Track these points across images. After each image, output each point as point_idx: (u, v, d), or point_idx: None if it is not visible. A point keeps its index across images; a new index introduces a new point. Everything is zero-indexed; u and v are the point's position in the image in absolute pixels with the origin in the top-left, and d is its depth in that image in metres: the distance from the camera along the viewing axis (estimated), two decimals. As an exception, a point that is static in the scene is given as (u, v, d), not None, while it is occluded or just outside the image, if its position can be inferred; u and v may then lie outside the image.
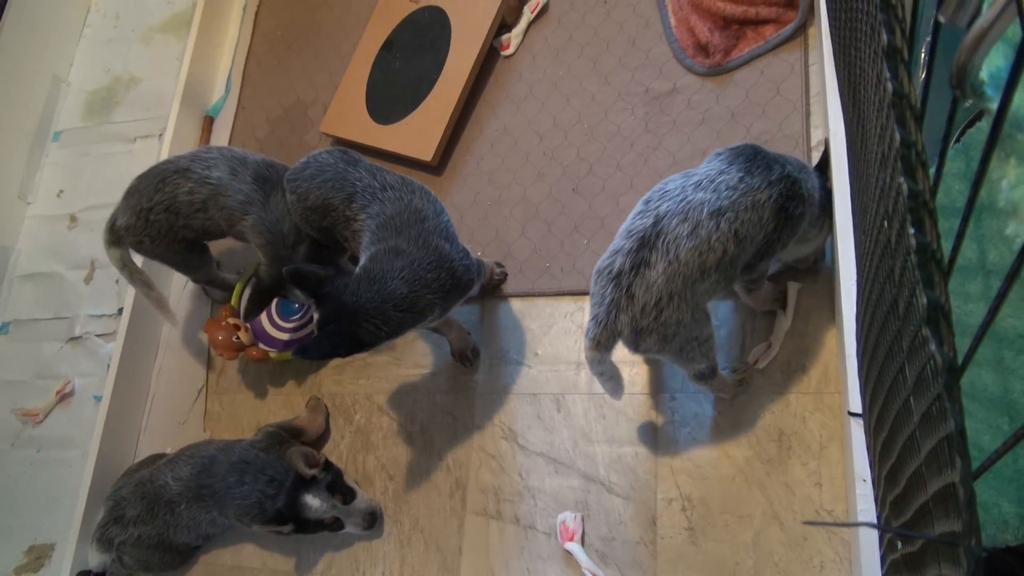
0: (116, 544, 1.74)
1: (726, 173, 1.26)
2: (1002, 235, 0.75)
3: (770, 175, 1.26)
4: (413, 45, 2.14)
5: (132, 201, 1.75)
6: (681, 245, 1.21)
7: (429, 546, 1.69)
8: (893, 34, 0.61)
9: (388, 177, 1.60)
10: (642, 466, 1.58)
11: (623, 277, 1.23)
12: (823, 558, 1.39)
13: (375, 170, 1.61)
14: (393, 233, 1.47)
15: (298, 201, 1.67)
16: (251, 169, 1.74)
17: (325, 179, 1.61)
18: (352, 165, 1.62)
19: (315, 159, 1.67)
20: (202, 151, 1.78)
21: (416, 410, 1.83)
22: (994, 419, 0.77)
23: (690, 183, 1.26)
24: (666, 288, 1.22)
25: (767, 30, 1.80)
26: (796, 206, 1.29)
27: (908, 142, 0.57)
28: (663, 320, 1.24)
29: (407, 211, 1.51)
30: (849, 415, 1.32)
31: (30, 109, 2.57)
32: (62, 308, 2.34)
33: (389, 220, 1.50)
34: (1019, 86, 0.42)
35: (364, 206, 1.55)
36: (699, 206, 1.22)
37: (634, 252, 1.23)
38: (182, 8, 2.62)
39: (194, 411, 2.07)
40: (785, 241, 1.34)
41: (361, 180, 1.58)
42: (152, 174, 1.75)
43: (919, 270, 0.54)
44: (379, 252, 1.45)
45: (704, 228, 1.21)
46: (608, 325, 1.25)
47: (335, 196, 1.59)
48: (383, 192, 1.55)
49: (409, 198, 1.54)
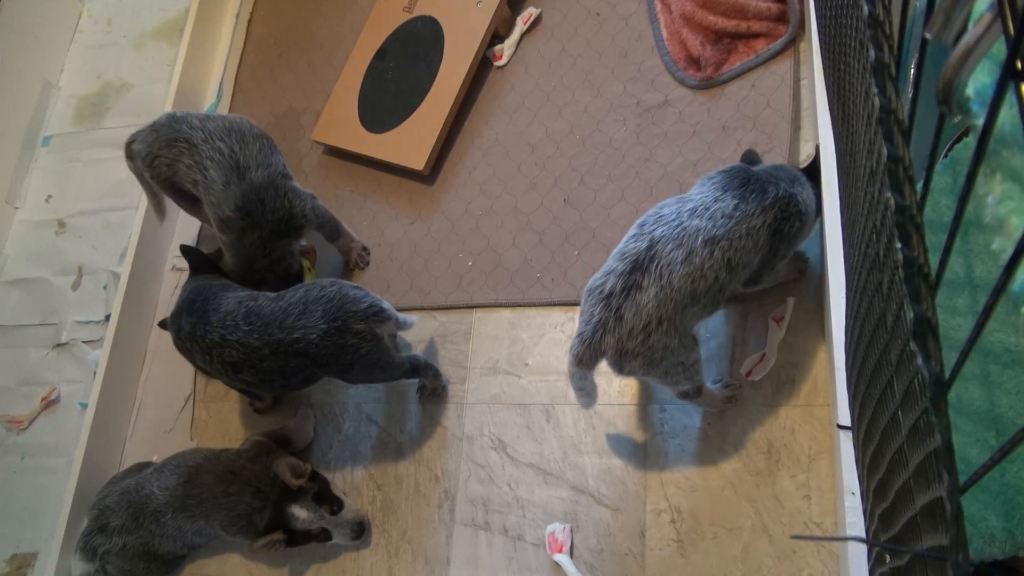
0: (100, 553, 1.72)
1: (721, 200, 1.26)
2: (988, 250, 0.76)
3: (764, 200, 1.27)
4: (406, 54, 2.15)
5: (150, 137, 1.78)
6: (675, 271, 1.22)
7: (417, 557, 1.68)
8: (881, 50, 0.62)
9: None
10: (631, 477, 1.58)
11: (613, 298, 1.24)
12: (812, 571, 1.39)
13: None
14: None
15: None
16: (242, 193, 1.70)
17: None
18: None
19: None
20: (220, 131, 1.74)
21: (405, 420, 1.82)
22: (981, 433, 0.77)
23: (685, 209, 1.26)
24: (656, 312, 1.22)
25: (758, 44, 1.81)
26: (792, 224, 1.31)
27: (895, 157, 0.57)
28: (650, 344, 1.24)
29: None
30: (838, 428, 1.32)
31: (20, 114, 2.55)
32: (48, 314, 2.32)
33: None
34: (1004, 103, 0.42)
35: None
36: (694, 233, 1.23)
37: (626, 274, 1.23)
38: (174, 15, 2.62)
39: (181, 419, 2.06)
40: (784, 255, 1.36)
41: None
42: (172, 126, 1.76)
43: (906, 284, 0.54)
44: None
45: (698, 256, 1.22)
46: (592, 344, 1.25)
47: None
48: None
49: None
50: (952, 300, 0.82)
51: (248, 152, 1.73)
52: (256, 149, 1.74)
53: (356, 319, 1.50)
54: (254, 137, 1.76)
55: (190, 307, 1.63)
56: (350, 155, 2.18)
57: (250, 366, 1.55)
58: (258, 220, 1.72)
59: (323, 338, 1.49)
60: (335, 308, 1.50)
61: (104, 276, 2.30)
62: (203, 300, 1.62)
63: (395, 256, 2.02)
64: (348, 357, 1.52)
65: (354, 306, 1.51)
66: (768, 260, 1.34)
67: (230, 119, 1.79)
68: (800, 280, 1.58)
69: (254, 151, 1.74)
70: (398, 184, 2.10)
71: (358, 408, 1.88)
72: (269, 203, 1.73)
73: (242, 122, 1.79)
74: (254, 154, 1.73)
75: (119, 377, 2.07)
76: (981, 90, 0.66)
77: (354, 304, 1.51)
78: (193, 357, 1.66)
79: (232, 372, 1.59)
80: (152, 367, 2.16)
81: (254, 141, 1.75)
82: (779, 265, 1.40)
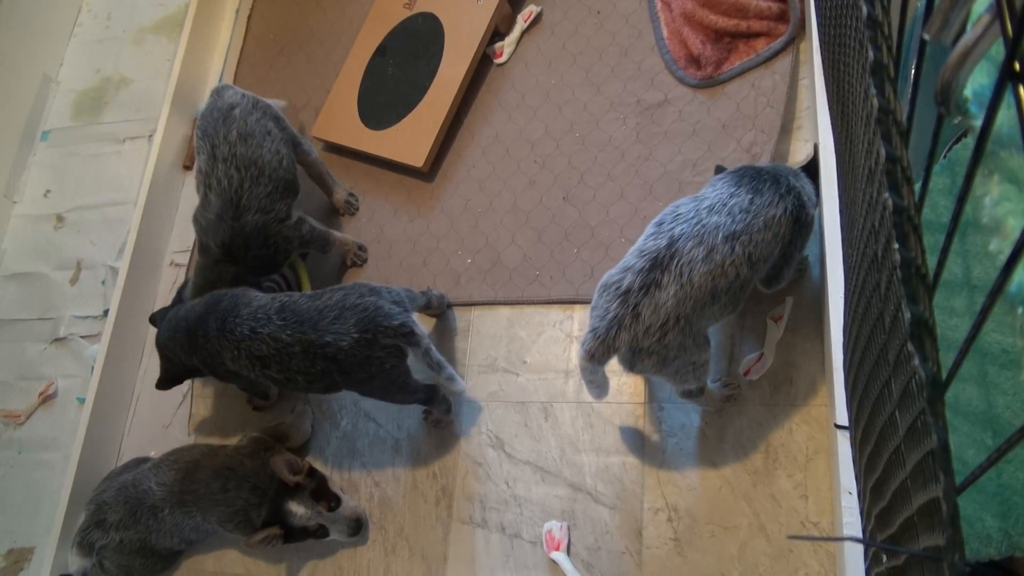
0: (97, 549, 1.72)
1: (737, 196, 1.26)
2: (986, 251, 0.76)
3: (779, 188, 1.28)
4: (406, 51, 2.14)
5: (207, 114, 1.77)
6: (695, 268, 1.21)
7: (414, 554, 1.68)
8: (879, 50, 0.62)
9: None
10: (629, 476, 1.58)
11: (631, 295, 1.22)
12: (808, 570, 1.39)
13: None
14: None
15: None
16: (232, 233, 1.68)
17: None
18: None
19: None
20: (242, 160, 1.68)
21: (403, 416, 1.83)
22: (978, 434, 0.78)
23: (703, 206, 1.26)
24: (675, 311, 1.21)
25: (758, 43, 1.81)
26: (806, 213, 1.32)
27: (893, 157, 0.57)
28: (666, 343, 1.24)
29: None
30: (836, 427, 1.32)
31: (19, 108, 2.55)
32: (47, 309, 2.31)
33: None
34: (1002, 104, 0.42)
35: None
36: (714, 230, 1.22)
37: (646, 271, 1.22)
38: (174, 9, 2.61)
39: (179, 415, 2.06)
40: (800, 246, 1.36)
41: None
42: (217, 120, 1.72)
43: (903, 285, 0.54)
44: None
45: (719, 252, 1.21)
46: (606, 340, 1.25)
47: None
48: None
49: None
50: (950, 301, 0.82)
51: (254, 193, 1.69)
52: (264, 192, 1.70)
53: (386, 334, 1.50)
54: (270, 179, 1.71)
55: (215, 308, 1.60)
56: (349, 152, 2.17)
57: (278, 362, 1.53)
58: (238, 260, 1.71)
59: (353, 347, 1.48)
60: (368, 320, 1.49)
61: (102, 271, 2.30)
62: (230, 299, 1.60)
63: (394, 253, 2.01)
64: (372, 369, 1.51)
65: (386, 321, 1.50)
66: (788, 251, 1.33)
67: (264, 153, 1.72)
68: (800, 280, 1.58)
69: (261, 194, 1.70)
70: (397, 181, 2.10)
71: (356, 405, 1.88)
72: (254, 249, 1.71)
73: (272, 160, 1.72)
74: (259, 197, 1.70)
75: (117, 372, 2.07)
76: (979, 91, 0.66)
77: (386, 319, 1.50)
78: (220, 357, 1.60)
79: (260, 367, 1.55)
80: (150, 362, 2.15)
81: (268, 183, 1.71)
82: (797, 257, 1.40)
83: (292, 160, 1.81)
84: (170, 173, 2.30)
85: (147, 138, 2.42)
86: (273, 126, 1.79)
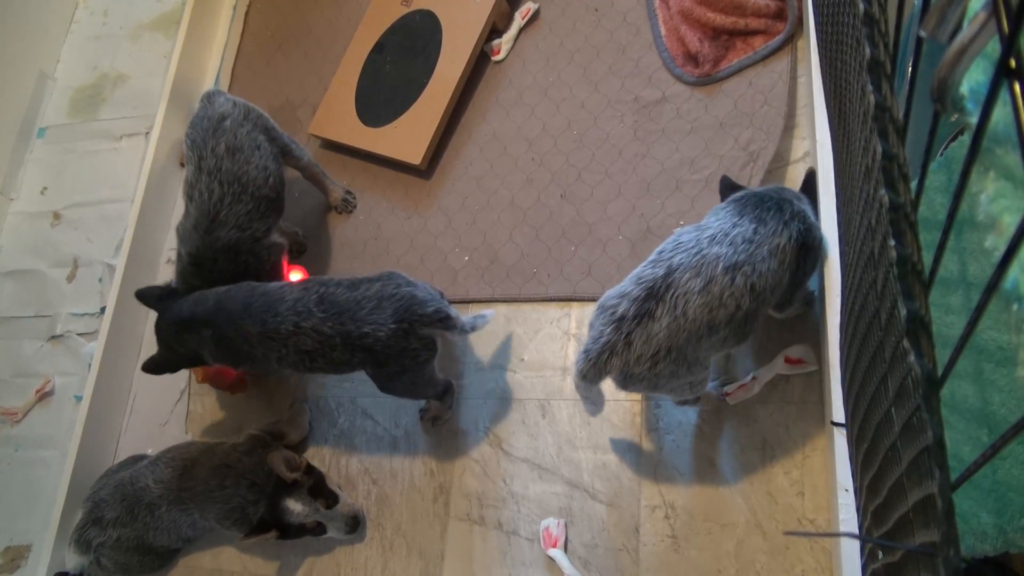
0: (94, 546, 1.72)
1: (740, 226, 1.24)
2: (982, 248, 0.76)
3: (783, 215, 1.25)
4: (404, 48, 2.14)
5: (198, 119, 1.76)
6: (691, 300, 1.19)
7: (411, 551, 1.69)
8: (876, 48, 0.62)
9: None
10: (626, 473, 1.59)
11: (624, 323, 1.21)
12: (804, 567, 1.40)
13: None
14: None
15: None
16: (203, 244, 1.66)
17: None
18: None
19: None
20: (227, 176, 1.66)
21: (400, 414, 1.83)
22: (973, 431, 0.78)
23: (704, 236, 1.23)
24: (667, 343, 1.20)
25: (756, 41, 1.81)
26: (813, 236, 1.29)
27: (890, 155, 0.58)
28: (657, 371, 1.23)
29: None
30: (832, 424, 1.33)
31: (15, 105, 2.54)
32: (43, 306, 2.31)
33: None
34: (998, 101, 0.42)
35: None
36: (714, 260, 1.20)
37: (640, 300, 1.21)
38: (171, 6, 2.61)
39: (176, 412, 2.06)
40: (810, 271, 1.33)
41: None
42: (207, 130, 1.70)
43: (900, 282, 0.54)
44: None
45: (717, 284, 1.19)
46: (597, 364, 1.24)
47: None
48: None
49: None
50: (946, 298, 0.82)
51: (233, 210, 1.67)
52: (244, 210, 1.68)
53: (422, 323, 1.48)
54: (252, 197, 1.70)
55: (247, 309, 1.56)
56: (347, 149, 2.17)
57: (322, 355, 1.52)
58: (204, 273, 1.69)
59: (390, 337, 1.46)
60: (403, 309, 1.47)
61: (99, 268, 2.29)
62: (261, 296, 1.57)
63: (391, 250, 2.01)
64: (406, 362, 1.50)
65: (421, 309, 1.48)
66: (797, 277, 1.30)
67: (250, 169, 1.70)
68: (806, 314, 1.55)
69: (240, 212, 1.68)
70: (395, 178, 2.10)
71: (353, 402, 1.88)
72: (221, 263, 1.69)
73: (257, 176, 1.70)
74: (238, 214, 1.68)
75: (114, 370, 2.07)
76: (975, 88, 0.66)
77: (421, 307, 1.48)
78: (268, 352, 1.57)
79: (308, 361, 1.54)
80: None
81: (250, 201, 1.69)
82: (807, 283, 1.37)
83: (279, 178, 1.79)
84: (167, 170, 2.30)
85: (144, 135, 2.41)
86: (263, 139, 1.76)
